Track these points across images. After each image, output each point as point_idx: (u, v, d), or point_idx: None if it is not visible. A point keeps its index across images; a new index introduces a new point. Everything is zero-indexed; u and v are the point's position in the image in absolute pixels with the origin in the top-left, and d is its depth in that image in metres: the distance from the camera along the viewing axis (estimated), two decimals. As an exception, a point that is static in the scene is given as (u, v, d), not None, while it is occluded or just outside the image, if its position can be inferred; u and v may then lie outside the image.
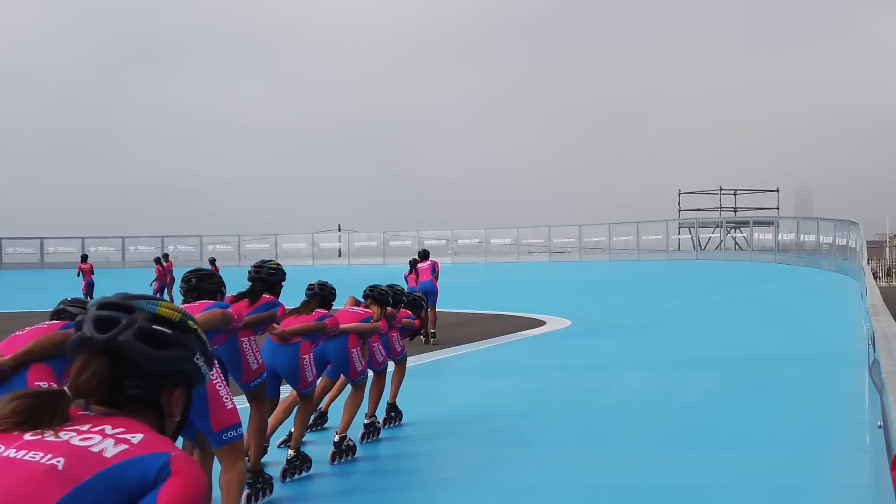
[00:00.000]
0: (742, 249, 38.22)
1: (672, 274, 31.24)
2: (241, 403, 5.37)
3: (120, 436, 1.84)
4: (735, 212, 49.38)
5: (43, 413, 1.85)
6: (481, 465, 7.08)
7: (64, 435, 1.82)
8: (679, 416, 8.81)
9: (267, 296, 6.67)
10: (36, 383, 3.98)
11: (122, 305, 2.07)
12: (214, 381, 4.77)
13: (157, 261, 30.82)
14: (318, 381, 7.39)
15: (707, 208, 50.06)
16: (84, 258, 30.82)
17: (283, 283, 6.78)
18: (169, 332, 2.05)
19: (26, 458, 1.75)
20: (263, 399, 6.28)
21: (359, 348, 7.48)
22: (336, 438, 7.13)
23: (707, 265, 33.97)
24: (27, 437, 1.82)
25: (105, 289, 29.44)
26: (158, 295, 25.52)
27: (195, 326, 2.13)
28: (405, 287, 13.99)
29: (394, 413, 8.57)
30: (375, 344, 8.01)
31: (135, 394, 1.99)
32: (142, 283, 28.28)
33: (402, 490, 6.51)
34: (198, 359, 2.10)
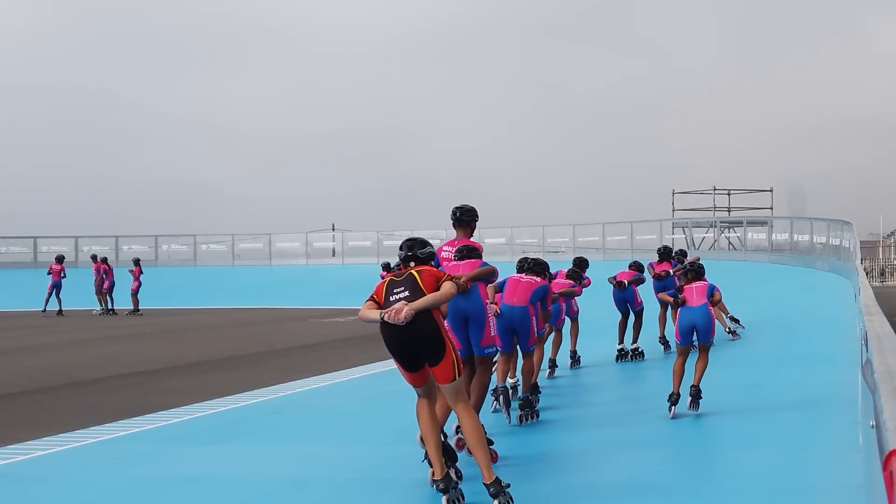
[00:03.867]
0: (736, 249, 38.28)
1: (666, 274, 31.16)
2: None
3: None
4: (729, 212, 49.37)
5: None
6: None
7: None
8: (674, 416, 8.82)
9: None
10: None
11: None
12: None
13: (101, 260, 29.30)
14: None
15: (701, 208, 50.00)
16: (59, 259, 29.28)
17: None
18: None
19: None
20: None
21: None
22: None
23: (701, 265, 33.94)
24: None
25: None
26: (107, 295, 24.62)
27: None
28: None
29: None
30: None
31: None
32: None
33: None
34: None
